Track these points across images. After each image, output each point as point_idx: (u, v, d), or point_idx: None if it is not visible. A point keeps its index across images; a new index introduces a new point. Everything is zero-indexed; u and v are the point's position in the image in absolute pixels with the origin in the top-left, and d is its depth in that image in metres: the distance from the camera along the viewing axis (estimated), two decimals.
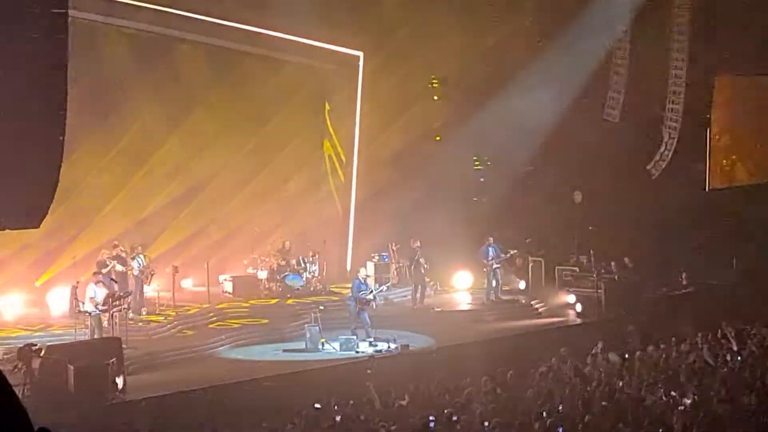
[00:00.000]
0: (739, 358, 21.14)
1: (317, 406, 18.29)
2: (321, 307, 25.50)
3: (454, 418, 16.73)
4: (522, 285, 29.90)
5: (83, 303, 22.66)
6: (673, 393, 17.96)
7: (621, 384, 19.19)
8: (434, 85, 32.13)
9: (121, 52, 27.13)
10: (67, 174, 19.51)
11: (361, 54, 30.89)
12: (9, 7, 17.05)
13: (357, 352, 23.64)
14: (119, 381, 19.77)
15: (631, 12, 30.92)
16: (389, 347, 23.92)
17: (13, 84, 17.42)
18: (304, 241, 29.91)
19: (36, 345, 20.03)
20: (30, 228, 20.90)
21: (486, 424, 16.29)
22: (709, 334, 23.17)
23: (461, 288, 29.89)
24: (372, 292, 25.26)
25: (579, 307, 27.75)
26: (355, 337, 24.14)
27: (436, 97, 32.15)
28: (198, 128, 28.73)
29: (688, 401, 17.13)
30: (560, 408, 17.25)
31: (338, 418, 17.27)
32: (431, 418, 16.91)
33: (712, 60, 30.66)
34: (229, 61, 29.21)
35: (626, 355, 22.09)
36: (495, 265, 28.45)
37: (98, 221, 27.25)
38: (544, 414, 16.79)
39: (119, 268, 24.77)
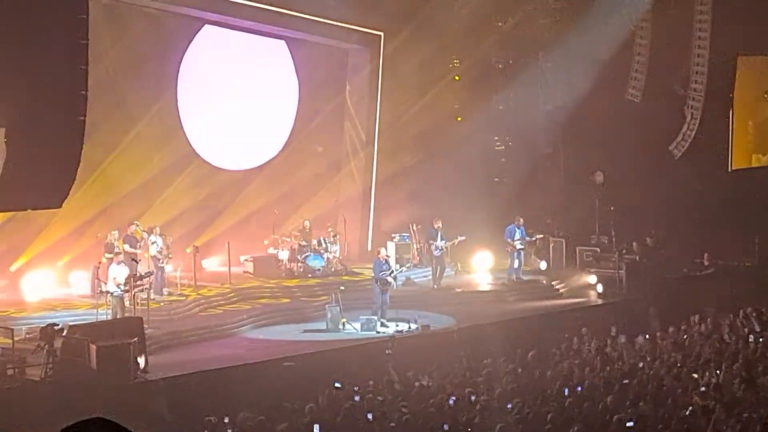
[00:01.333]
0: (760, 339, 21.08)
1: (338, 385, 18.34)
2: (342, 288, 25.51)
3: (474, 398, 16.76)
4: (543, 265, 29.87)
5: (105, 283, 22.75)
6: (694, 374, 17.94)
7: (642, 364, 19.18)
8: (455, 64, 32.07)
9: (142, 33, 27.13)
10: (88, 154, 19.57)
11: (381, 34, 30.86)
12: None
13: (377, 332, 23.67)
14: (141, 360, 19.84)
15: None
16: (410, 327, 23.93)
17: (33, 65, 17.46)
18: (325, 222, 29.92)
19: (58, 324, 20.10)
20: (52, 208, 20.99)
21: (507, 404, 16.30)
22: (730, 315, 23.13)
23: (482, 268, 29.84)
24: (392, 272, 25.23)
25: (600, 288, 27.71)
26: (375, 317, 24.17)
27: (457, 78, 32.08)
28: (219, 107, 28.77)
29: (710, 382, 17.09)
30: (579, 388, 17.24)
31: (358, 398, 17.30)
32: (451, 398, 16.94)
33: (735, 39, 30.44)
34: (249, 41, 29.19)
35: (647, 336, 22.08)
36: (519, 246, 28.37)
37: (120, 201, 27.30)
38: (565, 394, 16.80)
39: (128, 249, 24.60)
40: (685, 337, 21.85)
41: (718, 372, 17.73)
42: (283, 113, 30.85)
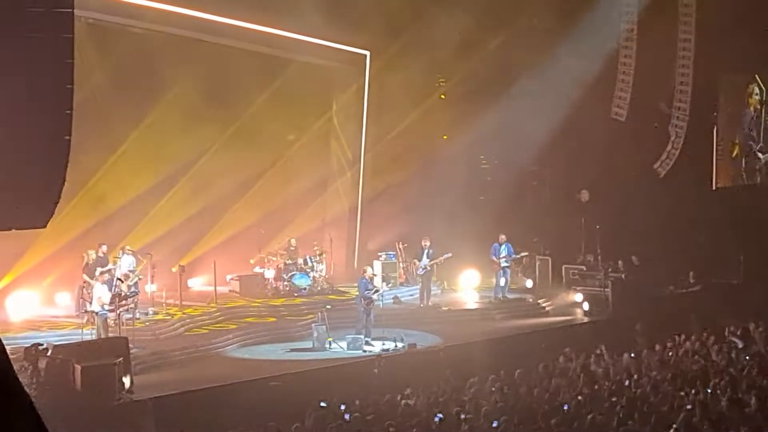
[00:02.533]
0: (746, 357, 21.11)
1: (323, 405, 18.29)
2: (328, 307, 25.47)
3: (462, 416, 16.73)
4: (529, 284, 29.91)
5: (90, 303, 22.68)
6: (680, 392, 17.94)
7: (628, 382, 19.18)
8: (441, 83, 32.15)
9: (127, 52, 27.12)
10: (73, 174, 19.51)
11: (367, 53, 30.92)
12: (13, 6, 17.06)
13: (364, 351, 23.65)
14: (126, 380, 19.76)
15: (637, 11, 30.88)
16: (396, 346, 23.91)
17: (18, 84, 17.42)
18: (311, 240, 29.91)
19: (43, 345, 20.03)
20: (37, 228, 20.90)
21: (493, 422, 16.28)
22: (716, 333, 23.16)
23: (468, 287, 29.83)
24: (377, 291, 25.23)
25: (586, 306, 27.74)
26: (361, 336, 24.15)
27: (442, 96, 32.14)
28: (204, 127, 28.76)
29: (696, 399, 17.10)
30: (566, 407, 17.23)
31: (345, 417, 17.26)
32: (438, 416, 16.91)
33: (718, 58, 30.60)
34: (235, 60, 29.22)
35: (632, 354, 22.08)
36: (504, 264, 28.40)
37: (106, 221, 27.26)
38: (552, 412, 16.77)
39: (97, 270, 24.50)
40: (671, 354, 21.86)
41: (705, 389, 17.74)
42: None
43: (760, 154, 33.28)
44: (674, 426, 15.43)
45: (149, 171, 27.99)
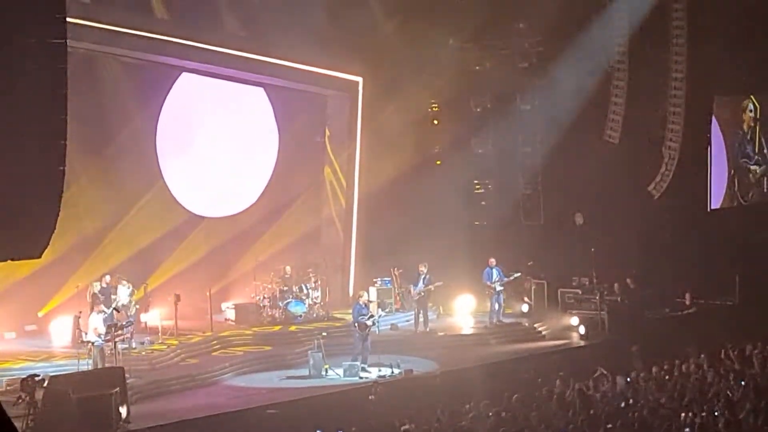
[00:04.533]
0: (742, 379, 21.07)
1: None
2: (324, 334, 25.44)
3: None
4: (525, 308, 29.85)
5: (86, 333, 22.65)
6: (677, 414, 17.92)
7: (625, 405, 19.15)
8: (434, 109, 32.21)
9: (121, 82, 27.19)
10: (67, 204, 19.52)
11: (360, 80, 30.98)
12: (7, 37, 17.11)
13: (360, 377, 23.61)
14: (123, 410, 19.75)
15: (629, 33, 30.97)
16: (393, 372, 23.88)
17: (12, 114, 17.47)
18: (306, 267, 29.88)
19: (39, 376, 20.02)
20: (32, 258, 20.91)
21: None
22: (712, 355, 23.13)
23: (464, 312, 29.79)
24: (371, 317, 25.18)
25: (582, 329, 27.71)
26: (358, 362, 24.11)
27: (436, 122, 32.20)
28: (199, 155, 28.82)
29: (693, 422, 17.08)
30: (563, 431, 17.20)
31: None
32: None
33: (711, 80, 30.69)
34: (229, 88, 29.29)
35: (628, 378, 22.04)
36: (498, 288, 28.38)
37: (100, 251, 27.25)
38: None
39: (101, 297, 24.54)
40: (667, 377, 21.83)
41: (700, 412, 17.72)
42: (263, 159, 30.89)
43: (756, 167, 33.39)
44: None
45: (144, 200, 28.02)
